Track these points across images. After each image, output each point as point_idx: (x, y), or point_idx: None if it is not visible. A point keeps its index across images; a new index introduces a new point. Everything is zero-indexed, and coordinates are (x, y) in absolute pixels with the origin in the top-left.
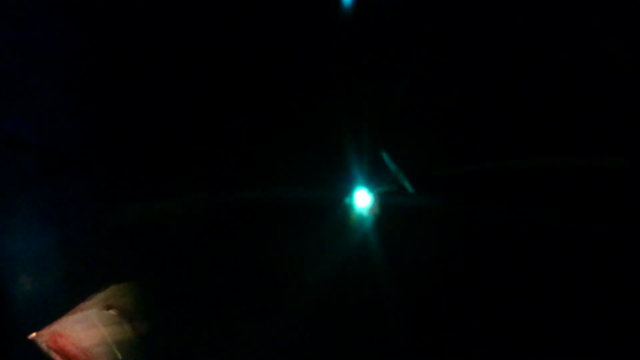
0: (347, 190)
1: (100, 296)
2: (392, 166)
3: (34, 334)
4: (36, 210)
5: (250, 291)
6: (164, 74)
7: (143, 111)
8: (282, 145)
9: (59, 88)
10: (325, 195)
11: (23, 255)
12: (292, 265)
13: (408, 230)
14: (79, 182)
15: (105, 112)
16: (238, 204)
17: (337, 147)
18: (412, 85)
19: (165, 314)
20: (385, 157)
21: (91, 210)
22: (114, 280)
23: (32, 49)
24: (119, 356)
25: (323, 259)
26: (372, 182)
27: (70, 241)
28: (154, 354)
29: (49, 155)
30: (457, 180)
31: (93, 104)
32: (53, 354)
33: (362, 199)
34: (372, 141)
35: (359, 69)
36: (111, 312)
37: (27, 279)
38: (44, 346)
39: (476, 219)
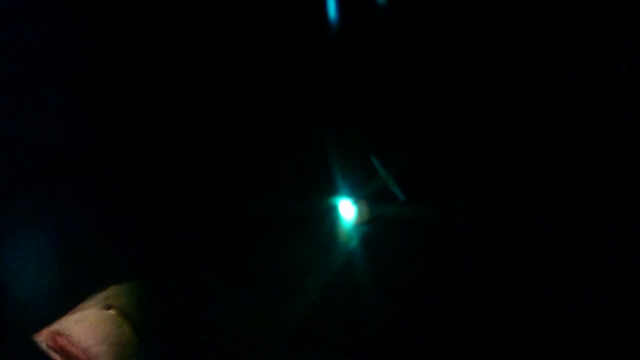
0: (335, 198)
1: (100, 296)
2: (382, 172)
3: (34, 334)
4: (36, 210)
5: (249, 293)
6: (165, 75)
7: (143, 112)
8: (267, 152)
9: (59, 88)
10: (311, 204)
11: (23, 255)
12: (281, 273)
13: (398, 239)
14: (79, 182)
15: (106, 113)
16: (231, 210)
17: (324, 152)
18: (401, 87)
19: (165, 314)
20: (376, 162)
21: (91, 210)
22: (114, 280)
23: (32, 48)
24: (119, 356)
25: (310, 268)
26: (360, 188)
27: (71, 241)
28: (154, 354)
29: (49, 155)
30: (449, 186)
31: (94, 104)
32: (53, 354)
33: (350, 207)
34: (361, 146)
35: (345, 70)
36: (111, 312)
37: (27, 279)
38: (44, 346)
39: (467, 227)
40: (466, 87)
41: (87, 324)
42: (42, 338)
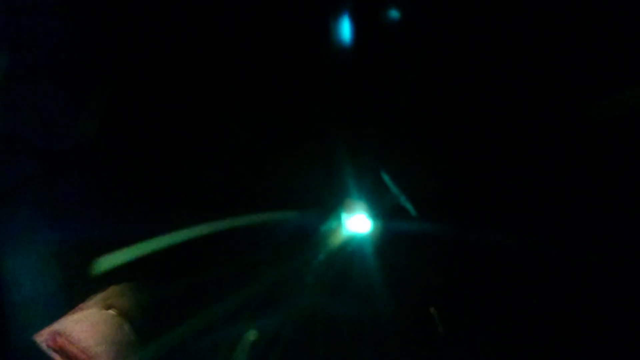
0: (345, 212)
1: (101, 296)
2: (393, 188)
3: (34, 334)
4: (36, 210)
5: (249, 293)
6: (164, 74)
7: (146, 113)
8: (280, 166)
9: (60, 88)
10: (321, 217)
11: (23, 255)
12: (289, 283)
13: (410, 255)
14: (79, 182)
15: (105, 113)
16: (234, 215)
17: (335, 167)
18: (414, 101)
19: (165, 314)
20: (387, 178)
21: (91, 211)
22: (114, 280)
23: (32, 48)
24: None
25: (321, 283)
26: (372, 204)
27: (70, 241)
28: (153, 354)
29: (49, 155)
30: (460, 201)
31: (93, 105)
32: (53, 354)
33: (362, 223)
34: (373, 161)
35: (357, 86)
36: (111, 312)
37: (27, 279)
38: (44, 346)
39: (478, 243)
40: (479, 104)
41: (87, 324)
42: (42, 338)
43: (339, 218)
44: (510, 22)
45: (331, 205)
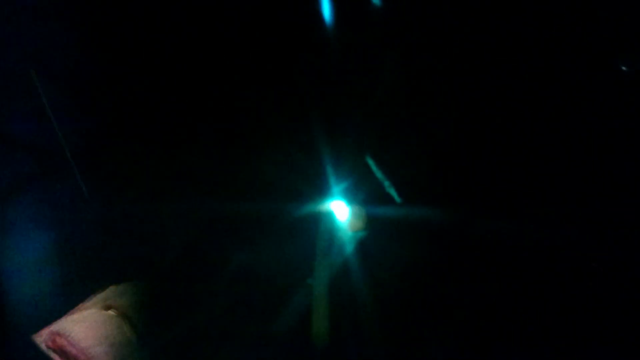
0: (330, 200)
1: (100, 296)
2: (378, 173)
3: (34, 334)
4: (35, 211)
5: (246, 293)
6: (163, 74)
7: (143, 114)
8: (262, 155)
9: (59, 88)
10: (306, 206)
11: (23, 255)
12: (277, 275)
13: (394, 241)
14: (79, 183)
15: (105, 112)
16: (228, 213)
17: (319, 153)
18: (397, 87)
19: (164, 314)
20: (371, 163)
21: (90, 210)
22: (113, 280)
23: (32, 48)
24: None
25: (306, 270)
26: (356, 190)
27: (69, 241)
28: (153, 354)
29: (49, 155)
30: (445, 187)
31: (93, 104)
32: (53, 354)
33: (345, 210)
34: (356, 147)
35: (340, 71)
36: (111, 312)
37: (27, 279)
38: (43, 346)
39: (464, 228)
40: (463, 87)
41: (86, 324)
42: (42, 338)
43: (324, 206)
44: (494, 13)
45: (317, 193)
